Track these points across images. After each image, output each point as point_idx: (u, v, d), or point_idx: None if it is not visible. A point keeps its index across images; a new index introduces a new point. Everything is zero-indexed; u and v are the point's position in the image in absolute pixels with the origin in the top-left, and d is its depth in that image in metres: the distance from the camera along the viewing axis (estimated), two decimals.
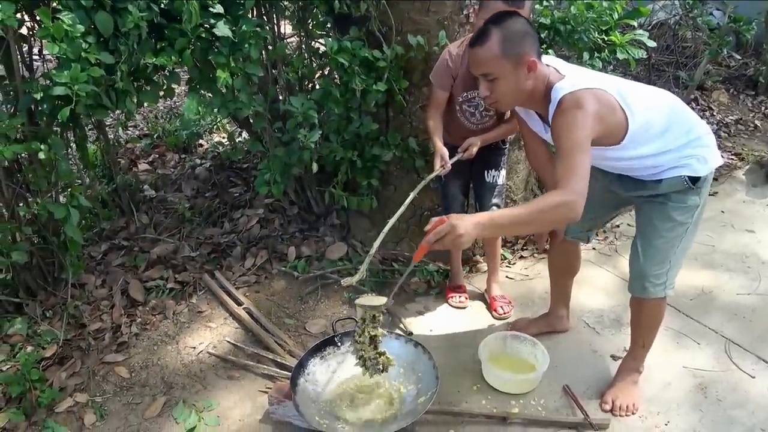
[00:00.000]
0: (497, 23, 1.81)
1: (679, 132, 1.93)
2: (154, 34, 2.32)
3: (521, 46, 1.81)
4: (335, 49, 2.52)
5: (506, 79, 1.84)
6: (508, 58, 1.80)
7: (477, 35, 1.85)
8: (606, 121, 1.81)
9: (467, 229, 1.63)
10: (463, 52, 2.38)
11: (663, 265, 2.05)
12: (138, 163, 3.71)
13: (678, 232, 2.02)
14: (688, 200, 1.99)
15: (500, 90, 1.86)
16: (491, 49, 1.80)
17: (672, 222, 2.01)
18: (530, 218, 1.68)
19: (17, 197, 2.44)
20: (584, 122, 1.74)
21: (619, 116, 1.84)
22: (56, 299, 2.59)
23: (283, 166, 2.76)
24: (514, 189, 3.16)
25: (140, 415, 2.22)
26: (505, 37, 1.79)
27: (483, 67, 1.84)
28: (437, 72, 2.44)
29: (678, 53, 5.45)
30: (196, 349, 2.51)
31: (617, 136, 1.87)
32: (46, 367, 2.35)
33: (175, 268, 2.90)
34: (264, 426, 2.16)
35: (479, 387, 2.32)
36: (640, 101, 1.88)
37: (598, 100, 1.79)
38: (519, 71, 1.83)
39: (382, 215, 3.08)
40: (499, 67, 1.81)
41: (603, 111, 1.79)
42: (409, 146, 2.81)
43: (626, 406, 2.17)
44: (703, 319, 2.65)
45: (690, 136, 1.94)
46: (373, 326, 1.96)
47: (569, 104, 1.77)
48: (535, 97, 1.90)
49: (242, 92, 2.47)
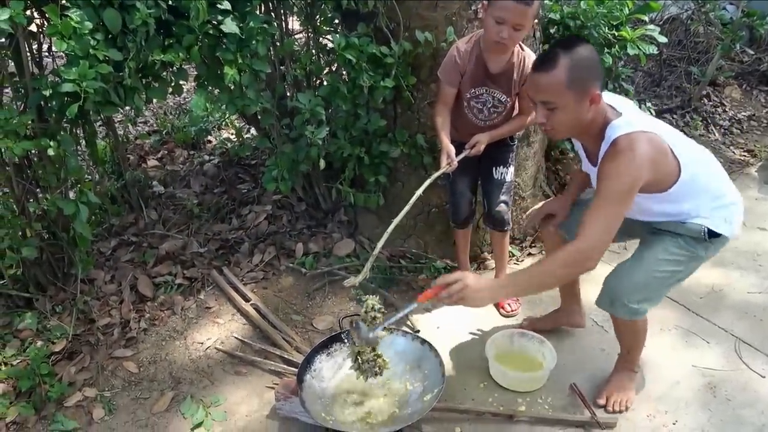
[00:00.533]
0: (566, 49, 1.72)
1: (716, 193, 1.92)
2: (162, 31, 2.33)
3: (588, 77, 1.73)
4: (343, 46, 2.51)
5: (567, 111, 1.76)
6: (573, 89, 1.72)
7: (542, 59, 1.76)
8: (658, 168, 1.76)
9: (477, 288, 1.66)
10: (471, 48, 2.36)
11: (641, 292, 1.97)
12: (147, 160, 3.73)
13: (672, 269, 1.97)
14: (697, 249, 1.95)
15: (558, 120, 1.79)
16: (557, 78, 1.71)
17: (672, 256, 1.95)
18: (547, 278, 1.70)
19: (27, 193, 2.45)
20: (633, 170, 1.69)
21: (672, 164, 1.81)
22: (66, 294, 2.61)
23: (291, 163, 2.77)
24: (523, 186, 3.15)
25: (148, 409, 2.23)
26: (573, 67, 1.70)
27: (544, 94, 1.76)
28: (445, 68, 2.42)
29: (690, 48, 5.38)
30: (203, 344, 2.53)
31: (666, 183, 1.83)
32: (56, 361, 2.37)
33: (184, 263, 2.91)
34: (271, 422, 2.17)
35: (486, 384, 2.31)
36: (689, 153, 1.86)
37: (653, 145, 1.73)
38: (582, 104, 1.75)
39: (389, 212, 3.07)
40: (563, 97, 1.73)
41: (657, 157, 1.75)
42: (417, 143, 2.80)
43: (620, 401, 2.15)
44: (713, 318, 2.63)
45: (725, 200, 1.93)
46: (373, 327, 1.96)
47: (623, 146, 1.71)
48: (590, 131, 1.84)
49: (250, 89, 2.47)
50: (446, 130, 2.39)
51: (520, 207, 3.18)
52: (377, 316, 1.97)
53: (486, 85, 2.40)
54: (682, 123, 4.86)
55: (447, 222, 2.87)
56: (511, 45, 2.27)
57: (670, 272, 1.97)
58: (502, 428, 2.12)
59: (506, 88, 2.40)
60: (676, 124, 4.83)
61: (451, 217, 2.73)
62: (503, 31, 2.16)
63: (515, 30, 2.16)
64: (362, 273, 1.91)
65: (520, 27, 2.17)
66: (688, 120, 4.88)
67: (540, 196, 3.28)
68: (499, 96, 2.41)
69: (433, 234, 3.03)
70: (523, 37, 2.27)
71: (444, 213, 2.93)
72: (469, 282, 1.64)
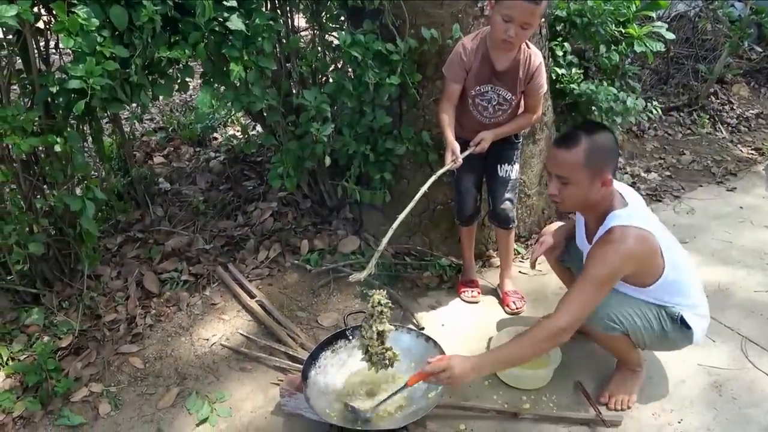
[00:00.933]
0: (588, 133, 1.88)
1: (694, 302, 2.07)
2: (169, 28, 2.33)
3: (604, 162, 1.89)
4: (348, 43, 2.51)
5: (579, 187, 1.91)
6: (589, 170, 1.88)
7: (565, 137, 1.92)
8: (642, 264, 1.92)
9: (463, 374, 1.84)
10: (477, 45, 2.36)
11: (618, 315, 2.02)
12: (153, 156, 3.74)
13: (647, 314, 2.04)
14: (666, 321, 2.04)
15: (569, 194, 1.94)
16: (575, 156, 1.87)
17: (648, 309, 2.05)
18: (525, 353, 1.89)
19: (34, 189, 2.47)
20: (617, 261, 1.86)
21: (657, 263, 1.96)
22: (72, 290, 2.63)
23: (296, 160, 2.77)
24: (528, 184, 3.14)
25: (154, 405, 2.25)
26: (592, 149, 1.87)
27: (561, 169, 1.92)
28: (450, 64, 2.41)
29: (698, 46, 5.35)
30: (209, 340, 2.53)
31: (647, 280, 1.99)
32: (62, 357, 2.38)
33: (190, 260, 2.92)
34: (275, 418, 2.18)
35: (491, 382, 2.31)
36: (677, 258, 2.01)
37: (643, 242, 1.89)
38: (594, 184, 1.91)
39: (395, 209, 3.04)
40: (578, 174, 1.89)
41: (643, 255, 1.90)
42: (422, 140, 2.80)
43: (621, 400, 2.16)
44: (719, 317, 2.61)
45: (699, 311, 2.09)
46: (380, 321, 1.97)
47: (615, 237, 1.87)
48: (595, 211, 2.00)
49: (255, 86, 2.47)
50: (451, 127, 2.39)
51: (526, 205, 3.18)
52: (384, 310, 1.97)
53: (491, 82, 2.39)
54: (689, 121, 4.84)
55: (452, 219, 2.87)
56: (518, 43, 2.27)
57: (644, 316, 2.04)
58: (507, 426, 2.12)
59: (511, 86, 2.39)
60: (683, 123, 4.81)
61: (456, 214, 2.73)
62: (510, 29, 2.16)
63: (522, 28, 2.17)
64: (367, 269, 1.92)
65: (528, 26, 2.17)
66: (695, 118, 4.86)
67: (545, 194, 3.27)
68: (504, 94, 2.41)
69: (438, 231, 3.03)
70: (530, 35, 2.27)
71: (449, 210, 2.93)
72: (456, 372, 1.83)
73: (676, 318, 2.03)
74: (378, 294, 2.00)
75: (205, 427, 2.15)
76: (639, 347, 2.14)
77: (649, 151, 4.36)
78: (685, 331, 2.05)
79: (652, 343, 2.10)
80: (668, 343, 2.11)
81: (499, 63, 2.36)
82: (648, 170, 4.08)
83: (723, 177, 4.04)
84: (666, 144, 4.51)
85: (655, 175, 4.01)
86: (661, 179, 3.99)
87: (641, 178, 3.96)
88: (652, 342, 2.08)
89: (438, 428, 2.09)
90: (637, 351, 2.19)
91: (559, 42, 3.44)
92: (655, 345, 2.12)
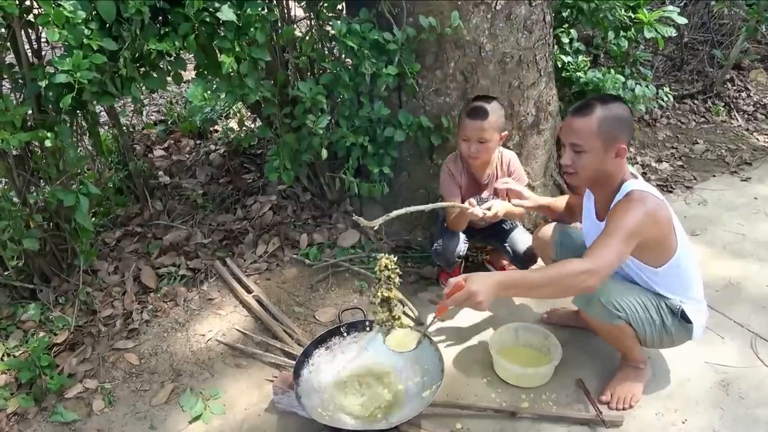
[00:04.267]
0: (603, 102, 1.87)
1: (697, 297, 2.05)
2: (159, 19, 2.29)
3: (618, 131, 1.87)
4: (344, 32, 2.45)
5: (592, 156, 1.88)
6: (602, 138, 1.86)
7: (580, 106, 1.91)
8: (659, 232, 1.88)
9: (487, 295, 1.62)
10: (459, 165, 2.53)
11: (619, 301, 1.97)
12: (154, 149, 3.71)
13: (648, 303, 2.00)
14: (667, 315, 2.01)
15: (582, 163, 1.90)
16: (589, 124, 1.86)
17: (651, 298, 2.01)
18: (551, 281, 1.73)
19: (29, 185, 2.45)
20: (642, 217, 1.81)
21: (671, 240, 1.93)
22: (69, 285, 2.61)
23: (293, 153, 2.72)
24: (533, 175, 3.06)
25: (148, 402, 2.23)
26: (606, 118, 1.85)
27: (575, 137, 1.89)
28: (445, 186, 2.56)
29: (713, 31, 5.19)
30: (205, 336, 2.51)
31: (659, 258, 1.94)
32: (58, 353, 2.37)
33: (188, 254, 2.90)
34: (269, 416, 2.15)
35: (489, 380, 2.26)
36: (686, 242, 1.99)
37: (662, 208, 1.88)
38: (607, 153, 1.88)
39: (394, 202, 3.01)
40: (591, 142, 1.87)
41: (661, 221, 1.87)
42: (421, 124, 2.71)
43: (624, 399, 2.10)
44: (729, 312, 2.53)
45: (701, 306, 2.06)
46: (387, 288, 1.90)
47: (636, 197, 1.85)
48: (607, 183, 1.95)
49: (249, 77, 2.42)
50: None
51: None
52: (391, 276, 1.91)
53: (479, 193, 2.57)
54: (703, 109, 4.70)
55: None
56: (484, 156, 2.44)
57: (645, 307, 2.00)
58: (504, 425, 2.06)
59: (497, 191, 2.55)
60: (697, 110, 4.67)
61: (438, 257, 2.62)
62: (471, 146, 2.39)
63: (480, 143, 2.38)
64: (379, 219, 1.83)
65: (484, 140, 2.37)
66: (709, 105, 4.72)
67: (551, 186, 3.19)
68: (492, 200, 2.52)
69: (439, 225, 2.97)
70: (493, 147, 2.43)
71: None
72: (480, 297, 1.62)
73: (676, 311, 1.99)
74: (386, 258, 1.92)
75: (198, 424, 2.13)
76: (641, 343, 2.07)
77: (661, 141, 4.24)
78: (685, 325, 2.00)
79: (652, 337, 2.03)
80: (668, 337, 2.05)
81: (481, 175, 2.55)
82: (659, 160, 3.97)
83: (737, 167, 3.92)
84: (679, 133, 4.39)
85: (666, 165, 3.90)
86: (673, 169, 3.87)
87: (652, 168, 3.85)
88: (652, 335, 2.02)
89: (433, 428, 2.04)
90: (641, 347, 2.12)
91: (565, 29, 3.34)
92: (656, 339, 2.05)
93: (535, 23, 2.75)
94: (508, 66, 2.74)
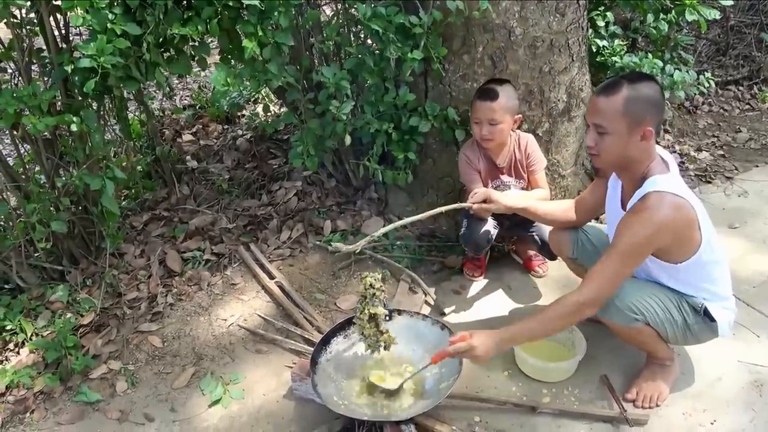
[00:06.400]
0: (631, 82, 1.78)
1: (723, 294, 1.95)
2: (182, 4, 2.28)
3: (644, 112, 1.77)
4: (368, 15, 2.40)
5: (616, 138, 1.80)
6: (627, 119, 1.77)
7: (606, 84, 1.83)
8: (678, 235, 1.80)
9: (486, 352, 1.79)
10: (476, 150, 2.52)
11: (636, 304, 1.89)
12: (182, 134, 3.74)
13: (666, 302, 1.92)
14: (688, 313, 1.92)
15: (606, 145, 1.83)
16: (614, 104, 1.77)
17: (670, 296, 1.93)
18: (551, 323, 1.84)
19: (57, 168, 2.49)
20: (650, 232, 1.75)
21: (694, 237, 1.83)
22: (96, 268, 2.66)
23: (317, 139, 2.70)
24: (563, 164, 2.97)
25: (169, 384, 2.26)
26: (633, 98, 1.76)
27: (599, 117, 1.81)
28: (464, 173, 2.56)
29: (762, 13, 4.94)
30: (227, 321, 2.53)
31: (681, 256, 1.85)
32: (84, 334, 2.42)
33: (212, 239, 2.92)
34: (287, 402, 2.15)
35: (510, 373, 2.21)
36: (713, 236, 1.88)
37: (678, 210, 1.77)
38: (632, 136, 1.79)
39: (420, 189, 2.98)
40: (615, 123, 1.78)
41: (679, 224, 1.78)
42: (448, 116, 2.67)
43: (650, 397, 2.03)
44: (766, 310, 2.41)
45: (728, 303, 1.97)
46: (373, 305, 1.95)
47: (650, 204, 1.76)
48: (633, 172, 1.87)
49: (272, 62, 2.40)
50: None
51: (560, 186, 3.01)
52: (376, 293, 1.96)
53: (499, 177, 2.57)
54: (748, 95, 4.50)
55: None
56: (497, 138, 2.42)
57: (664, 307, 1.92)
58: (523, 420, 2.02)
59: (517, 173, 2.56)
60: (742, 97, 4.47)
61: (466, 242, 2.57)
62: (483, 128, 2.38)
63: (491, 125, 2.36)
64: (354, 245, 1.96)
65: (495, 121, 2.35)
66: (755, 92, 4.51)
67: (581, 174, 3.09)
68: (513, 183, 2.57)
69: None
70: (506, 129, 2.41)
71: None
72: (479, 352, 1.80)
73: (699, 309, 1.91)
74: (370, 277, 1.99)
75: (217, 408, 2.15)
76: (664, 340, 2.00)
77: (702, 129, 4.07)
78: (709, 323, 1.92)
79: (675, 336, 1.95)
80: (692, 336, 1.96)
81: (499, 159, 2.53)
82: (699, 149, 3.81)
83: None
84: (721, 120, 4.20)
85: (706, 155, 3.74)
86: (713, 159, 3.71)
87: (691, 157, 3.69)
88: (675, 334, 1.94)
89: (451, 419, 2.01)
90: (666, 344, 2.04)
91: (600, 12, 3.21)
92: (679, 338, 1.97)
93: (568, 6, 2.65)
94: (538, 50, 2.65)
